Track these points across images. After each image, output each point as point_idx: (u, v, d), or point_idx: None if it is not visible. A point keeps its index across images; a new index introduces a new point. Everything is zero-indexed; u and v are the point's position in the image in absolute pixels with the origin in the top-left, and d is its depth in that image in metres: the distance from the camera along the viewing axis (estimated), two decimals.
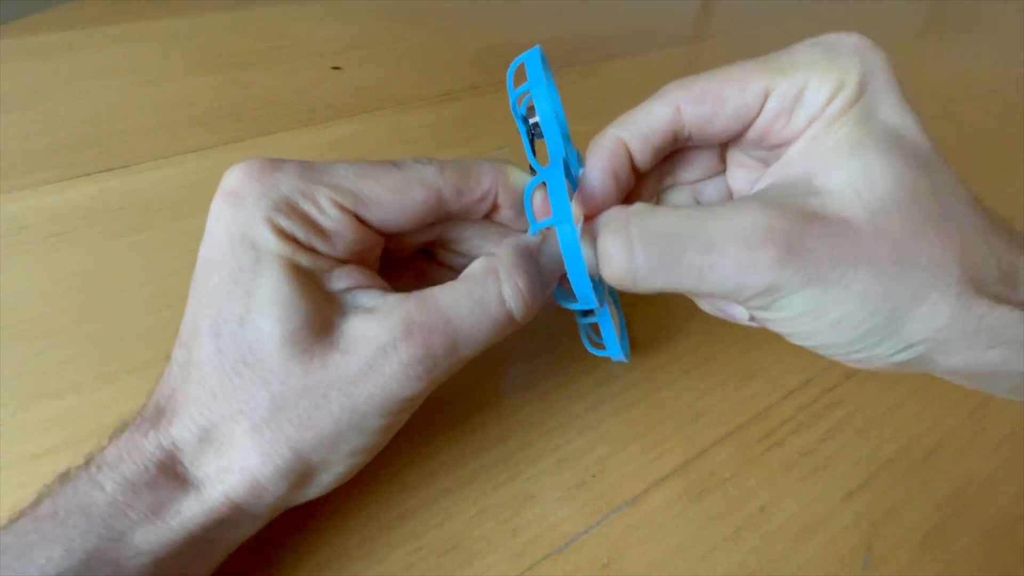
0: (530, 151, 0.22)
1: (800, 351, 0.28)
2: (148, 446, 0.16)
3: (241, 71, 0.49)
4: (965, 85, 0.55)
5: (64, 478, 0.16)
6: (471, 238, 0.23)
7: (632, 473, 0.24)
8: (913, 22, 0.71)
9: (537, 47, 0.20)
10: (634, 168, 0.20)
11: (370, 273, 0.19)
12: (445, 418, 0.25)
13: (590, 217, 0.20)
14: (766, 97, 0.18)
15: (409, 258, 0.24)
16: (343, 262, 0.19)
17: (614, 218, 0.18)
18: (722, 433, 0.25)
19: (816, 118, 0.17)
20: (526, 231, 0.21)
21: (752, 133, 0.19)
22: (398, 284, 0.20)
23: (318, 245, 0.18)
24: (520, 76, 0.21)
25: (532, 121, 0.21)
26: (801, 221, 0.16)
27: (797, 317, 0.17)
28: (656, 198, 0.23)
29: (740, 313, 0.20)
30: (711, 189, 0.23)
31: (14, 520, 0.16)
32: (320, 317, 0.17)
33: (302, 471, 0.17)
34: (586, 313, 0.23)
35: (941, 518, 0.23)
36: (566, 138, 0.23)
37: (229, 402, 0.16)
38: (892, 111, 0.17)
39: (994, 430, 0.26)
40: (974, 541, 0.23)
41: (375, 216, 0.19)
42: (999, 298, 0.16)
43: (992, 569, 0.22)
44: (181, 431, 0.17)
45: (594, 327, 0.25)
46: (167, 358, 0.19)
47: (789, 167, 0.18)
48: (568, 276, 0.19)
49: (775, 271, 0.15)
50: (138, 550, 0.15)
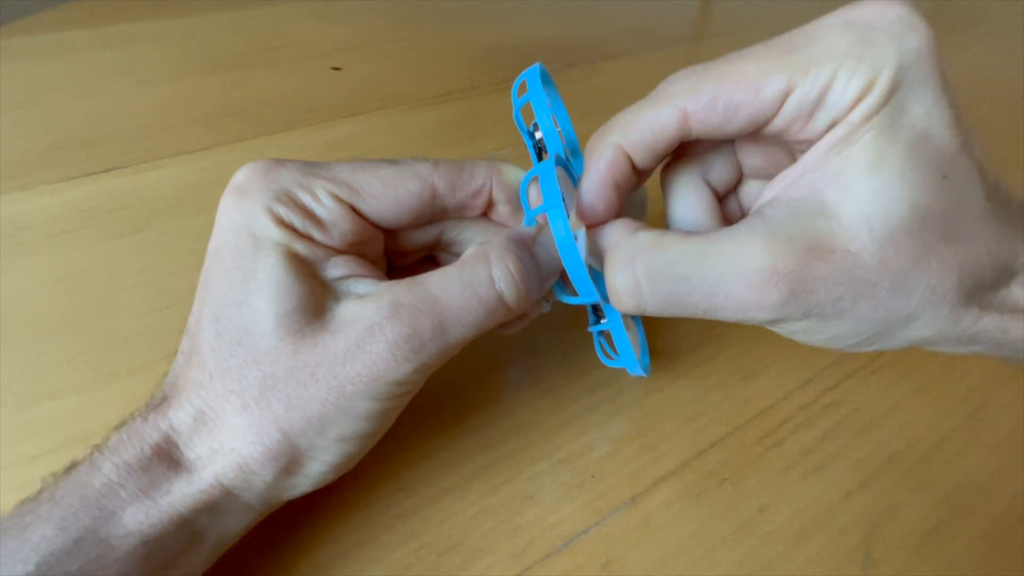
0: (536, 163, 0.22)
1: (800, 351, 0.29)
2: (147, 430, 0.17)
3: (241, 71, 0.49)
4: (965, 85, 0.55)
5: (69, 468, 0.17)
6: (472, 238, 0.23)
7: (632, 473, 0.24)
8: None
9: (537, 64, 0.21)
10: (634, 168, 0.20)
11: (367, 264, 0.20)
12: (445, 418, 0.25)
13: (593, 226, 0.20)
14: (785, 98, 0.16)
15: (414, 264, 0.24)
16: (340, 252, 0.19)
17: (620, 251, 0.18)
18: (722, 433, 0.25)
19: (838, 121, 0.16)
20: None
21: (767, 131, 0.18)
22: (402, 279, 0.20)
23: (315, 234, 0.19)
24: (525, 91, 0.21)
25: (538, 136, 0.21)
26: (806, 259, 0.16)
27: (795, 333, 0.18)
28: (661, 176, 0.22)
29: None
30: (720, 166, 0.21)
31: (18, 506, 0.16)
32: (314, 301, 0.17)
33: (291, 455, 0.17)
34: (598, 317, 0.23)
35: (941, 518, 0.23)
36: (575, 152, 0.23)
37: (223, 382, 0.17)
38: (924, 109, 0.16)
39: (994, 430, 0.26)
40: (974, 541, 0.23)
41: (370, 207, 0.19)
42: (987, 304, 0.17)
43: (992, 569, 0.22)
44: (178, 413, 0.17)
45: (608, 337, 0.24)
46: (167, 358, 0.19)
47: (803, 176, 0.17)
48: (564, 266, 0.18)
49: (777, 311, 0.16)
50: (127, 529, 0.16)
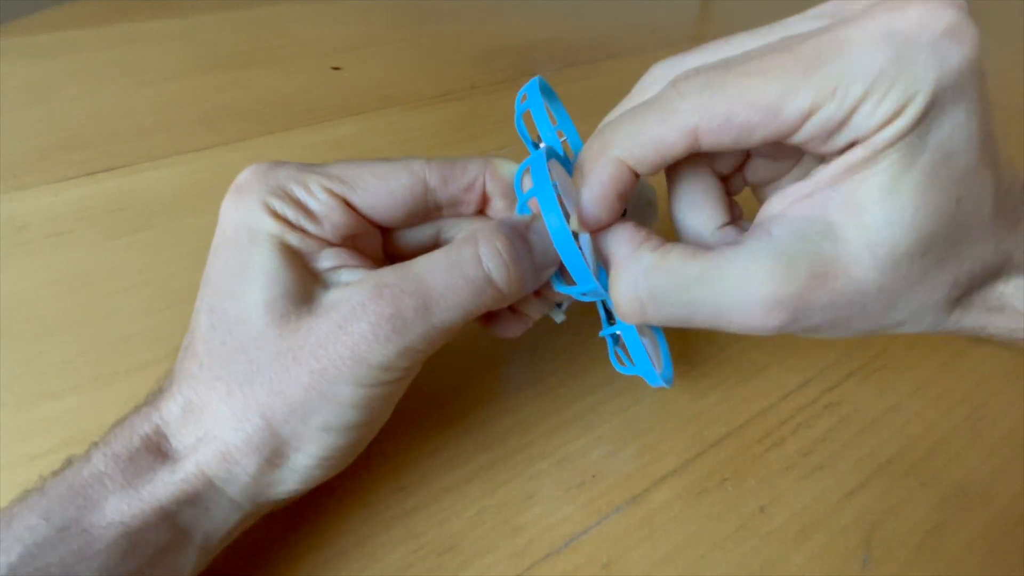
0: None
1: (800, 351, 0.29)
2: (138, 422, 0.17)
3: (241, 71, 0.49)
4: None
5: (66, 464, 0.17)
6: None
7: (632, 473, 0.24)
8: None
9: (536, 78, 0.21)
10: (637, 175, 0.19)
11: (360, 256, 0.20)
12: (445, 417, 0.25)
13: (596, 230, 0.19)
14: (806, 118, 0.15)
15: None
16: (333, 245, 0.19)
17: (624, 271, 0.18)
18: (722, 433, 0.25)
19: (859, 142, 0.15)
20: None
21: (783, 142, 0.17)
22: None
23: (307, 226, 0.19)
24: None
25: (542, 147, 0.21)
26: (809, 287, 0.16)
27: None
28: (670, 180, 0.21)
29: None
30: (727, 154, 0.20)
31: (11, 501, 0.16)
32: (303, 289, 0.18)
33: (273, 444, 0.17)
34: (610, 320, 0.23)
35: (941, 518, 0.23)
36: None
37: (212, 370, 0.17)
38: (952, 126, 0.15)
39: (994, 430, 0.26)
40: (974, 541, 0.23)
41: (362, 200, 0.20)
42: (968, 306, 0.17)
43: (992, 569, 0.22)
44: (168, 404, 0.17)
45: (623, 344, 0.23)
46: (167, 358, 0.19)
47: (814, 194, 0.16)
48: (559, 255, 0.18)
49: (776, 331, 0.17)
50: (109, 519, 0.16)
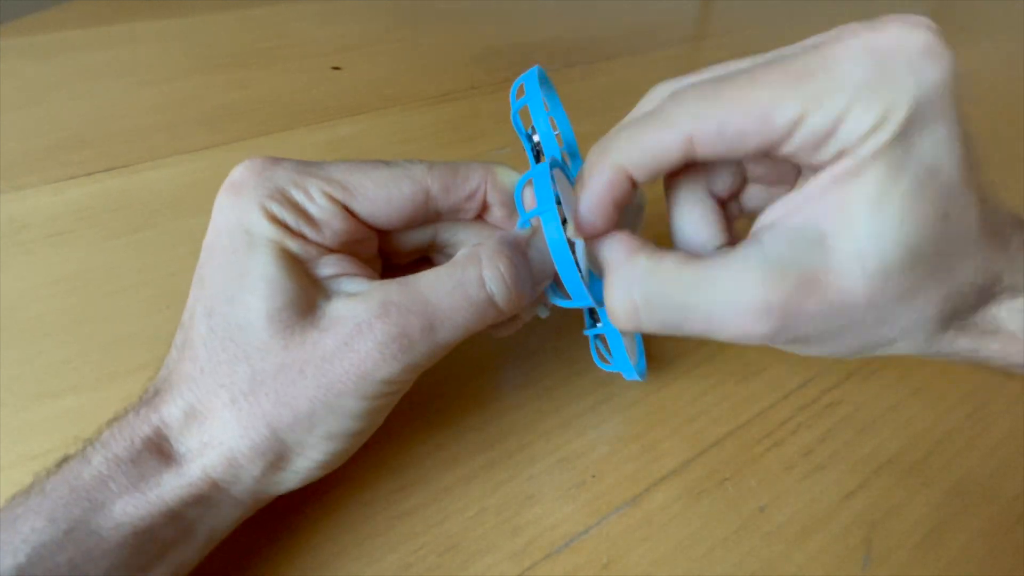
0: (534, 165, 0.22)
1: None
2: (138, 423, 0.17)
3: (241, 71, 0.49)
4: (965, 85, 0.55)
5: (61, 462, 0.17)
6: (466, 240, 0.23)
7: (632, 473, 0.24)
8: None
9: (535, 67, 0.21)
10: (634, 184, 0.19)
11: (359, 263, 0.20)
12: (445, 418, 0.25)
13: (593, 237, 0.19)
14: (795, 127, 0.16)
15: (409, 265, 0.24)
16: (332, 251, 0.19)
17: (619, 277, 0.18)
18: (722, 433, 0.25)
19: (846, 153, 0.16)
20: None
21: (772, 155, 0.17)
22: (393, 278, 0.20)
23: (307, 232, 0.19)
24: (524, 93, 0.21)
25: (536, 139, 0.21)
26: (800, 295, 0.16)
27: (777, 346, 0.19)
28: (665, 182, 0.22)
29: None
30: (724, 176, 0.21)
31: (10, 500, 0.16)
32: (305, 299, 0.18)
33: (278, 450, 0.17)
34: (594, 321, 0.23)
35: (941, 518, 0.23)
36: (574, 155, 0.23)
37: (214, 376, 0.17)
38: (934, 145, 0.15)
39: (994, 430, 0.26)
40: (974, 541, 0.23)
41: (363, 207, 0.20)
42: (961, 329, 0.18)
43: (992, 569, 0.22)
44: (170, 407, 0.17)
45: (604, 341, 0.24)
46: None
47: (804, 205, 0.17)
48: (557, 270, 0.18)
49: (767, 339, 0.17)
50: (118, 521, 0.16)
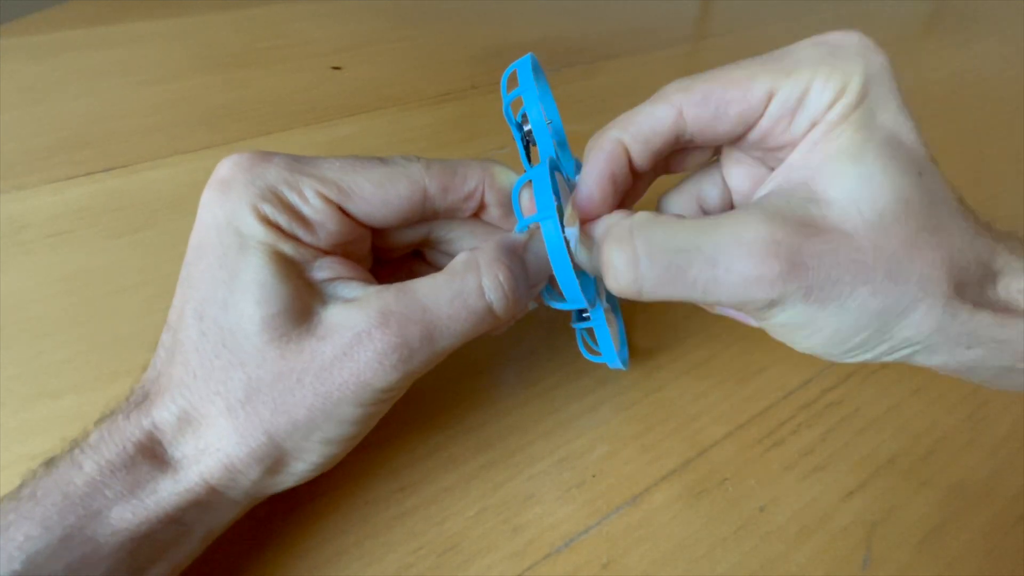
0: (524, 157, 0.22)
1: (800, 352, 0.29)
2: (129, 428, 0.17)
3: (241, 71, 0.49)
4: (965, 85, 0.55)
5: (48, 463, 0.17)
6: (461, 238, 0.23)
7: (632, 473, 0.24)
8: (913, 22, 0.71)
9: (529, 55, 0.21)
10: (632, 169, 0.20)
11: (354, 265, 0.20)
12: (445, 418, 0.25)
13: (588, 220, 0.20)
14: (770, 99, 0.18)
15: (401, 259, 0.24)
16: (327, 253, 0.19)
17: (617, 228, 0.18)
18: (722, 433, 0.25)
19: (817, 122, 0.17)
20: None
21: (753, 135, 0.19)
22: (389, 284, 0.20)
23: (301, 234, 0.18)
24: (514, 82, 0.21)
25: (526, 128, 0.21)
26: (804, 234, 0.16)
27: (796, 330, 0.18)
28: (659, 202, 0.23)
29: (752, 321, 0.21)
30: (711, 189, 0.23)
31: (0, 504, 0.16)
32: (300, 304, 0.17)
33: (276, 456, 0.17)
34: (581, 316, 0.23)
35: (941, 518, 0.23)
36: (563, 144, 0.23)
37: (208, 383, 0.17)
38: (891, 117, 0.17)
39: (994, 430, 0.26)
40: (974, 541, 0.23)
41: (359, 209, 0.19)
42: (979, 302, 0.17)
43: (992, 569, 0.22)
44: (162, 412, 0.17)
45: (591, 332, 0.24)
46: None
47: (791, 172, 0.18)
48: (554, 274, 0.18)
49: (778, 286, 0.16)
50: (115, 528, 0.16)
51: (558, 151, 0.23)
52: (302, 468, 0.18)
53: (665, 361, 0.28)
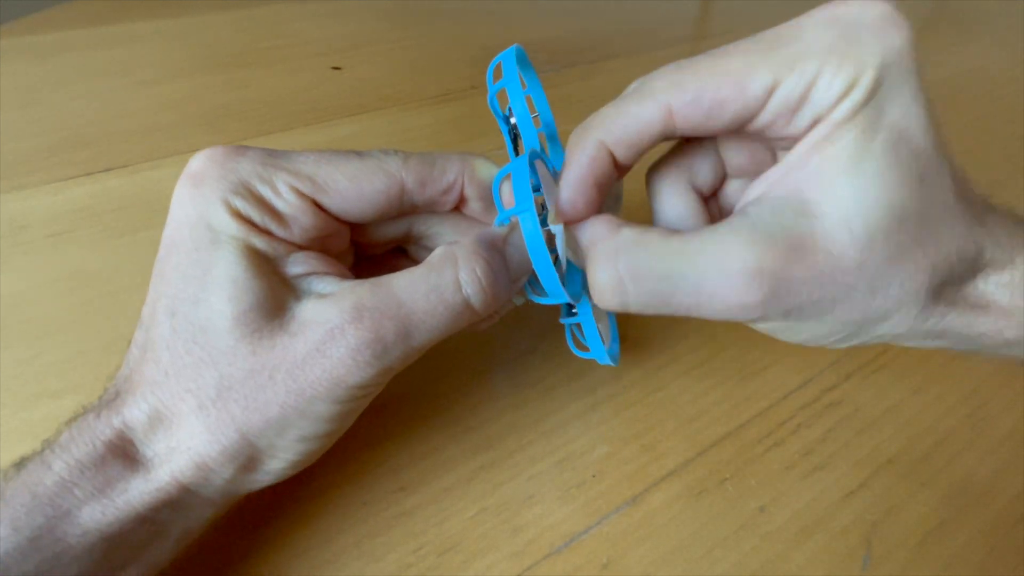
0: (511, 150, 0.21)
1: (800, 351, 0.29)
2: (100, 426, 0.17)
3: (241, 71, 0.49)
4: (965, 85, 0.55)
5: (19, 464, 0.16)
6: (442, 233, 0.22)
7: (632, 473, 0.24)
8: (913, 22, 0.71)
9: (514, 46, 0.20)
10: (616, 164, 0.19)
11: (330, 260, 0.19)
12: (444, 417, 0.25)
13: (572, 223, 0.19)
14: (770, 94, 0.16)
15: (383, 255, 0.24)
16: (301, 248, 0.19)
17: (603, 247, 0.17)
18: (722, 433, 0.25)
19: (821, 119, 0.16)
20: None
21: (751, 127, 0.18)
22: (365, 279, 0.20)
23: (274, 229, 0.18)
24: (501, 75, 0.21)
25: (513, 121, 0.21)
26: (788, 259, 0.16)
27: (776, 331, 0.19)
28: (647, 177, 0.22)
29: None
30: (704, 164, 0.21)
31: None
32: (273, 299, 0.17)
33: (249, 454, 0.17)
34: (570, 311, 0.23)
35: (941, 518, 0.23)
36: (553, 138, 0.23)
37: (179, 380, 0.17)
38: (902, 110, 0.16)
39: (994, 430, 0.26)
40: (974, 541, 0.23)
41: (333, 203, 0.19)
42: (954, 300, 0.17)
43: (992, 569, 0.22)
44: (133, 410, 0.17)
45: (581, 328, 0.24)
46: None
47: (786, 176, 0.17)
48: (534, 267, 0.18)
49: (758, 309, 0.16)
50: (85, 528, 0.16)
51: (547, 144, 0.23)
52: (278, 466, 0.18)
53: (665, 361, 0.28)
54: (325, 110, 0.45)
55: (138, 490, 0.16)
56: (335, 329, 0.17)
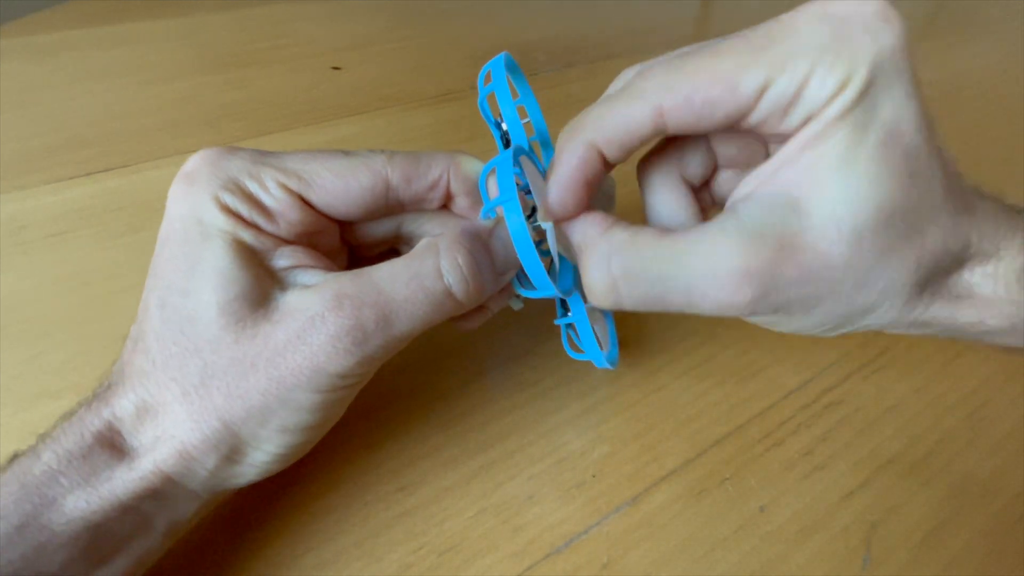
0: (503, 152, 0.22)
1: (800, 351, 0.29)
2: (89, 418, 0.17)
3: (241, 71, 0.49)
4: (965, 85, 0.55)
5: (13, 458, 0.17)
6: (431, 231, 0.22)
7: (632, 473, 0.24)
8: (913, 22, 0.71)
9: (502, 54, 0.21)
10: (606, 163, 0.19)
11: (317, 255, 0.20)
12: (444, 417, 0.25)
13: (562, 220, 0.19)
14: (761, 94, 0.16)
15: (377, 256, 0.24)
16: (289, 243, 0.19)
17: (595, 249, 0.18)
18: (722, 433, 0.25)
19: (813, 117, 0.16)
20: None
21: (742, 126, 0.17)
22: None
23: (261, 223, 0.18)
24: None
25: (504, 127, 0.21)
26: (777, 259, 0.16)
27: (763, 323, 0.19)
28: (638, 169, 0.22)
29: None
30: (694, 157, 0.21)
31: None
32: (258, 290, 0.17)
33: (232, 444, 0.17)
34: (565, 312, 0.23)
35: (941, 518, 0.23)
36: (546, 144, 0.23)
37: (165, 370, 0.17)
38: (895, 106, 0.16)
39: (994, 430, 0.26)
40: (974, 541, 0.23)
41: (319, 198, 0.19)
42: (936, 293, 0.18)
43: (992, 569, 0.22)
44: (121, 401, 0.17)
45: (576, 330, 0.24)
46: None
47: (776, 173, 0.17)
48: (519, 258, 0.18)
49: (749, 308, 0.17)
50: (70, 516, 0.16)
51: (538, 148, 0.23)
52: (262, 458, 0.18)
53: (665, 361, 0.28)
54: (325, 110, 0.45)
55: (122, 479, 0.16)
56: (315, 316, 0.17)
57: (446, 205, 0.22)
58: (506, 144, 0.22)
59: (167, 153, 0.39)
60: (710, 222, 0.17)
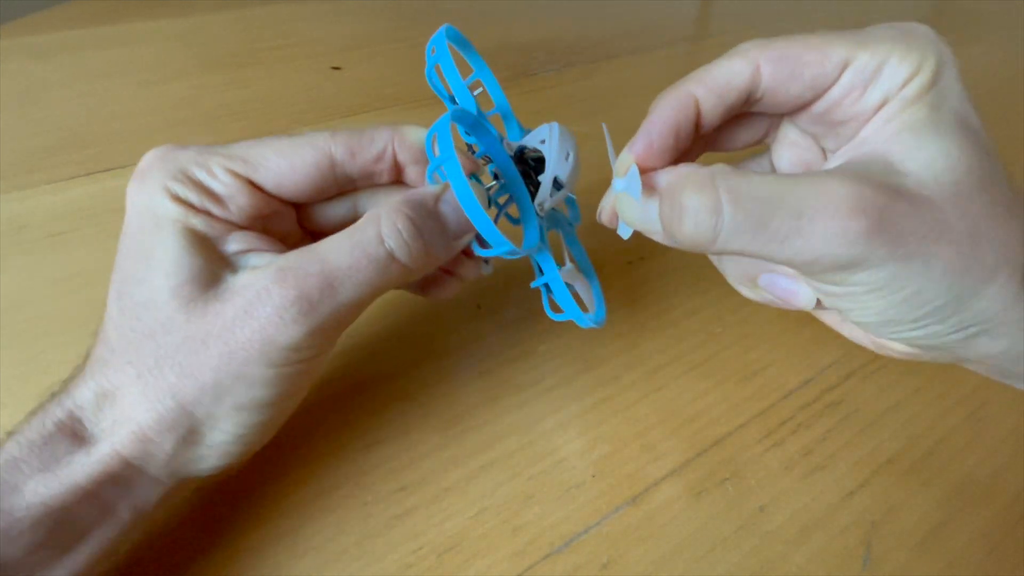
0: (462, 129, 0.22)
1: (800, 351, 0.29)
2: (52, 408, 0.17)
3: (241, 71, 0.49)
4: (965, 85, 0.55)
5: None
6: None
7: (632, 473, 0.24)
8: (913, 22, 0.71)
9: (443, 27, 0.21)
10: (697, 125, 0.19)
11: (270, 239, 0.20)
12: (444, 417, 0.25)
13: (644, 170, 0.19)
14: (845, 68, 0.18)
15: None
16: (242, 228, 0.19)
17: (697, 175, 0.17)
18: (722, 433, 0.25)
19: (890, 98, 0.17)
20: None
21: (821, 105, 0.18)
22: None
23: (212, 209, 0.19)
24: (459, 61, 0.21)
25: (449, 111, 0.21)
26: (890, 195, 0.16)
27: (871, 292, 0.17)
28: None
29: (804, 297, 0.20)
30: (758, 170, 0.21)
31: None
32: (209, 273, 0.18)
33: (188, 424, 0.17)
34: (543, 274, 0.23)
35: (941, 518, 0.23)
36: (507, 116, 0.24)
37: (122, 355, 0.17)
38: (960, 103, 0.17)
39: (994, 430, 0.26)
40: (974, 541, 0.23)
41: (267, 179, 0.20)
42: None
43: (992, 569, 0.22)
44: (81, 390, 0.17)
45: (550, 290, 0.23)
46: None
47: (862, 147, 0.18)
48: (469, 218, 0.18)
49: (862, 243, 0.15)
50: (29, 502, 0.16)
51: (504, 123, 0.23)
52: (221, 439, 0.18)
53: (665, 361, 0.28)
54: (325, 110, 0.45)
55: (80, 464, 0.17)
56: (260, 291, 0.17)
57: (399, 180, 0.22)
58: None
59: None
60: (815, 171, 0.18)
